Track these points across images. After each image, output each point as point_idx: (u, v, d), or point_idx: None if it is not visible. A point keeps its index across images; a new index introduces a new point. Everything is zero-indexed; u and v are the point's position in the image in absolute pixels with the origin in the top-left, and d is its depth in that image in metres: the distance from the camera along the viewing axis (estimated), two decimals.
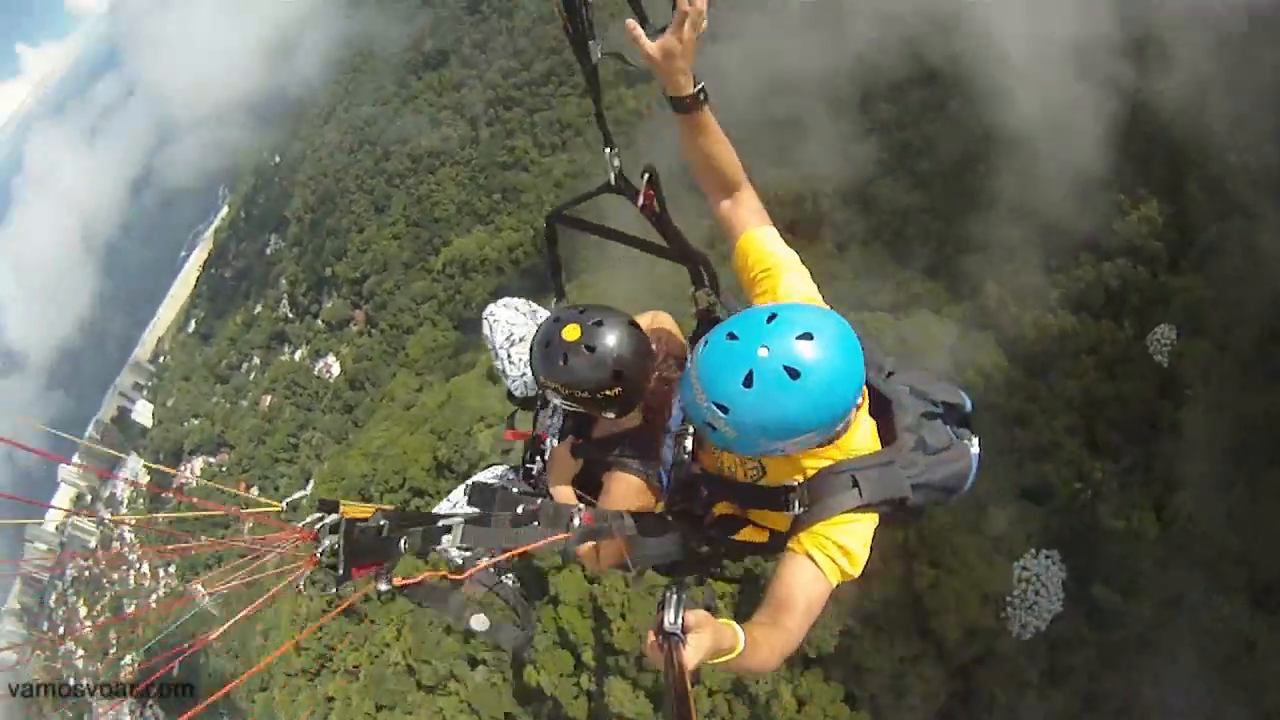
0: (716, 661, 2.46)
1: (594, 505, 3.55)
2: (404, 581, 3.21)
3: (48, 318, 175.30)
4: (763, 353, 2.56)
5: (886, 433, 3.18)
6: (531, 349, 3.40)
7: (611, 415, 3.47)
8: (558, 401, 3.42)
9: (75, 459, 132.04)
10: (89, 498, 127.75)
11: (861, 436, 3.06)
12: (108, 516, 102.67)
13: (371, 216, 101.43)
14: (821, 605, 2.88)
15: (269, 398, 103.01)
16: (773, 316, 2.63)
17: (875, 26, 58.65)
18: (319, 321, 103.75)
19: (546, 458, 4.17)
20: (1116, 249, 44.67)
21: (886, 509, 2.99)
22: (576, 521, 3.14)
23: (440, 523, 3.21)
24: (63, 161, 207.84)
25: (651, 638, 2.28)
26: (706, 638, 2.32)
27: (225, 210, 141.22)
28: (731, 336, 2.63)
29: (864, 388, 2.93)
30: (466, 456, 57.51)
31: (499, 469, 4.59)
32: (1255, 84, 42.16)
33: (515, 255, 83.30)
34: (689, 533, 3.48)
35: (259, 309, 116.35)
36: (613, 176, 3.67)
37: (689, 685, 2.06)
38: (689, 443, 3.40)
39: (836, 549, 2.87)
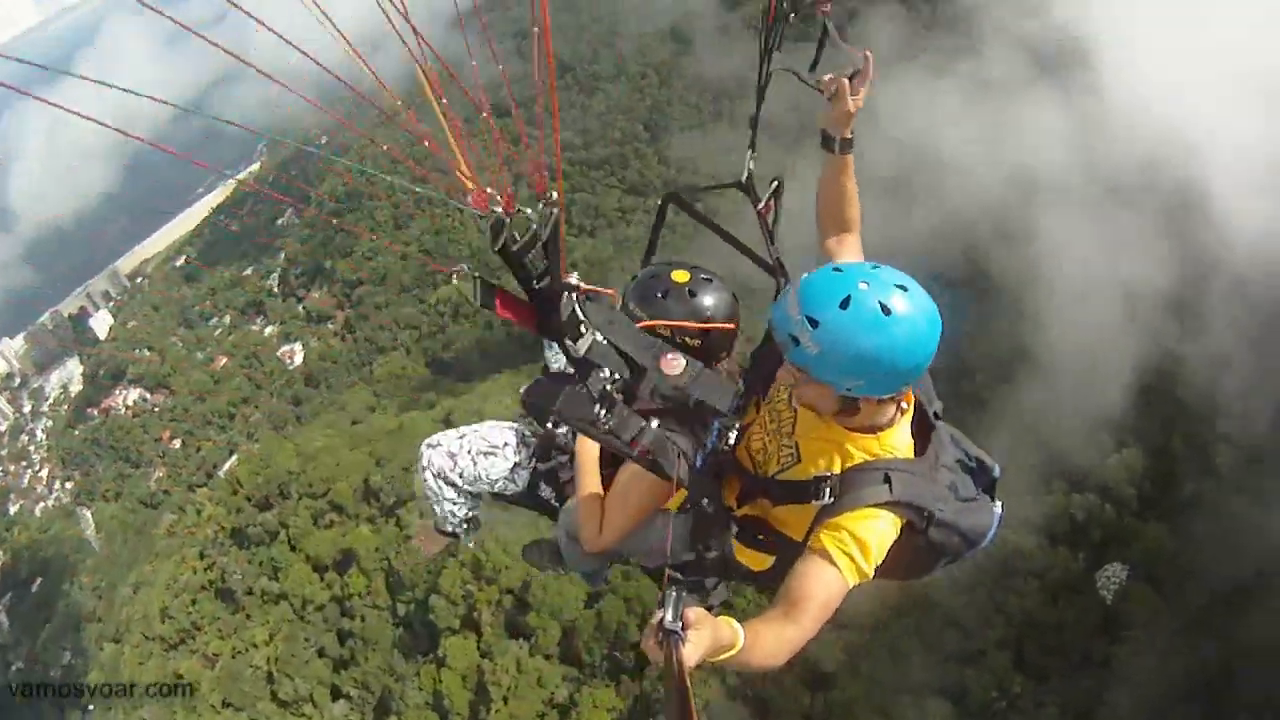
0: (717, 659, 2.47)
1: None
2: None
3: (53, 194, 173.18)
4: (863, 286, 2.66)
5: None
6: (633, 281, 3.60)
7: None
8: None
9: (20, 338, 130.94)
10: (17, 380, 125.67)
11: (902, 440, 3.09)
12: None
13: (390, 229, 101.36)
14: (836, 605, 2.85)
15: (225, 360, 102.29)
16: (876, 267, 2.76)
17: (940, 216, 60.51)
18: (300, 307, 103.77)
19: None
20: (1091, 484, 46.42)
21: (912, 516, 2.98)
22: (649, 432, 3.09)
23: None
24: (133, 53, 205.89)
25: (651, 636, 2.28)
26: (706, 634, 2.34)
27: (256, 165, 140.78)
28: (836, 269, 2.74)
29: (915, 397, 3.13)
30: (397, 492, 57.58)
31: (507, 429, 4.34)
32: (1269, 365, 44.84)
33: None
34: (700, 531, 3.45)
35: (249, 271, 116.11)
36: (745, 176, 3.86)
37: (689, 683, 2.03)
38: (733, 435, 3.29)
39: (855, 543, 2.86)
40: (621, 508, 3.49)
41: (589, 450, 3.66)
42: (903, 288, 2.70)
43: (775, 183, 3.84)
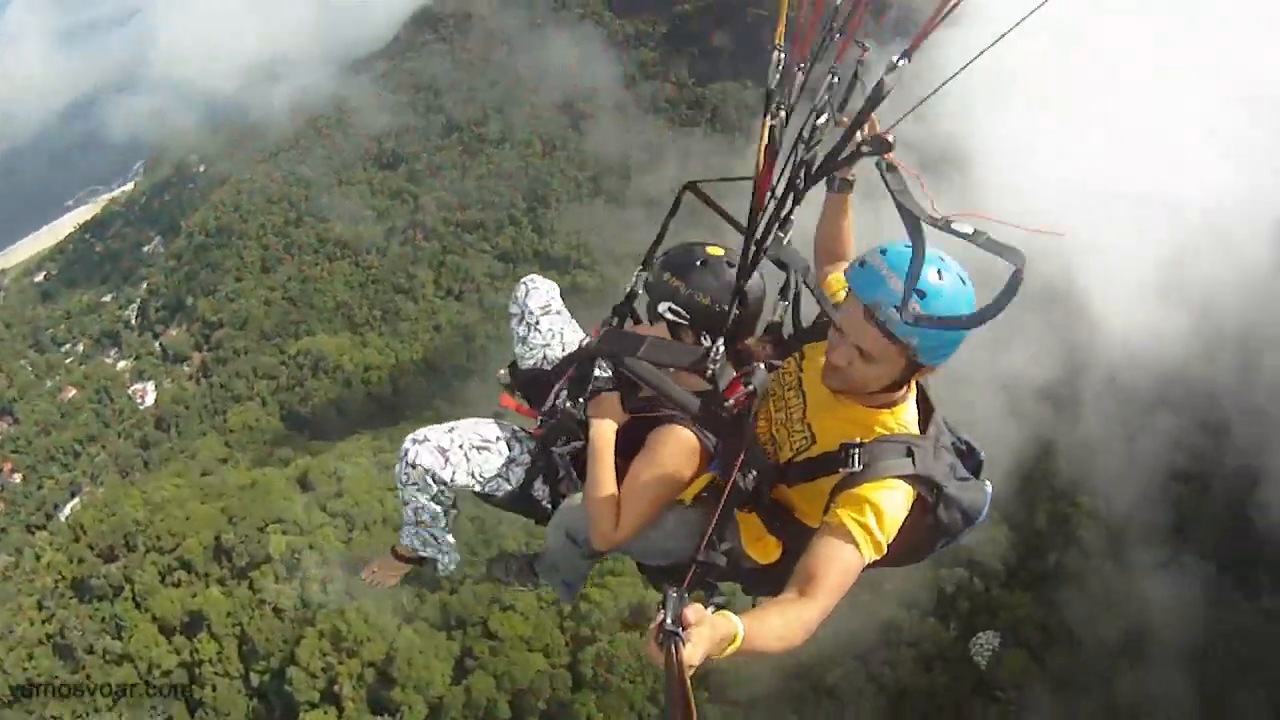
0: (720, 655, 2.48)
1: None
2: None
3: None
4: (941, 259, 2.77)
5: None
6: (665, 255, 3.55)
7: (704, 341, 3.40)
8: (664, 306, 3.46)
9: None
10: None
11: (911, 416, 3.15)
12: None
13: (256, 272, 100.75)
14: (853, 579, 2.88)
15: (74, 391, 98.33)
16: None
17: None
18: (157, 343, 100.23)
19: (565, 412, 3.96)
20: (960, 559, 50.10)
21: (925, 492, 3.02)
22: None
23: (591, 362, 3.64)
24: (27, 44, 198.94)
25: (652, 639, 2.28)
26: (706, 633, 2.34)
27: (130, 186, 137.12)
28: (906, 245, 2.70)
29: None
30: (250, 553, 55.84)
31: (492, 424, 4.05)
32: (1135, 449, 51.83)
33: (369, 376, 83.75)
34: (724, 512, 3.33)
35: (108, 298, 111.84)
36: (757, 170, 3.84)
37: (689, 685, 2.05)
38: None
39: (873, 513, 2.88)
40: (640, 499, 3.38)
41: (605, 439, 3.49)
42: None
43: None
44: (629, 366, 3.27)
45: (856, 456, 2.95)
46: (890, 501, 2.92)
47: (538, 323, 4.42)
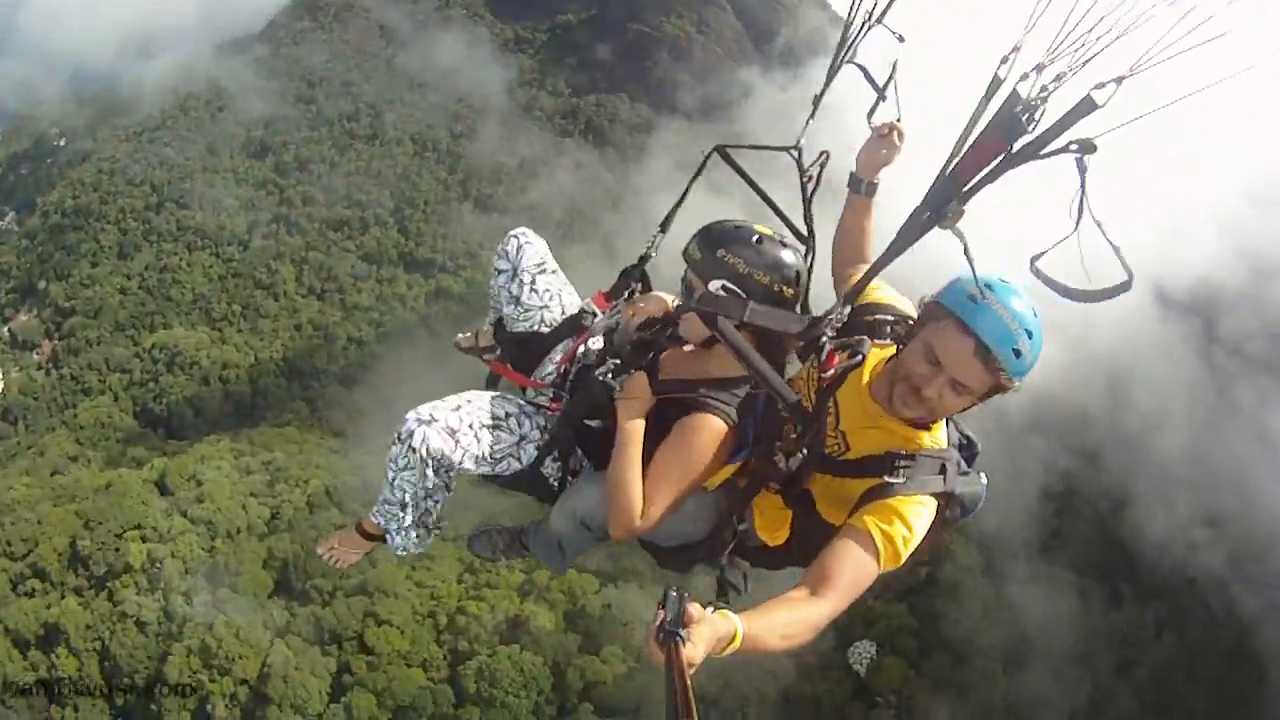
0: (720, 654, 2.46)
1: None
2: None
3: None
4: (1025, 292, 2.83)
5: None
6: (711, 231, 3.37)
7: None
8: (716, 284, 3.29)
9: None
10: None
11: (944, 432, 3.15)
12: None
13: (113, 258, 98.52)
14: (865, 586, 2.89)
15: None
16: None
17: None
18: (6, 329, 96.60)
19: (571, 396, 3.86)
20: None
21: (944, 503, 3.05)
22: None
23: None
24: None
25: (652, 638, 2.24)
26: (706, 631, 2.32)
27: None
28: (1002, 281, 2.82)
29: None
30: (109, 561, 52.98)
31: (501, 399, 3.78)
32: (1012, 470, 56.33)
33: (227, 374, 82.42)
34: (732, 505, 3.37)
35: None
36: (800, 142, 3.87)
37: (690, 684, 2.00)
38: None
39: (901, 528, 2.88)
40: (668, 490, 3.28)
41: (636, 425, 3.34)
42: None
43: (823, 155, 3.85)
44: (723, 330, 2.96)
45: (901, 470, 2.97)
46: (920, 517, 2.95)
47: (533, 281, 4.18)
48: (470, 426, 3.49)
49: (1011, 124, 1.95)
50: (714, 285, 3.27)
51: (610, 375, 3.47)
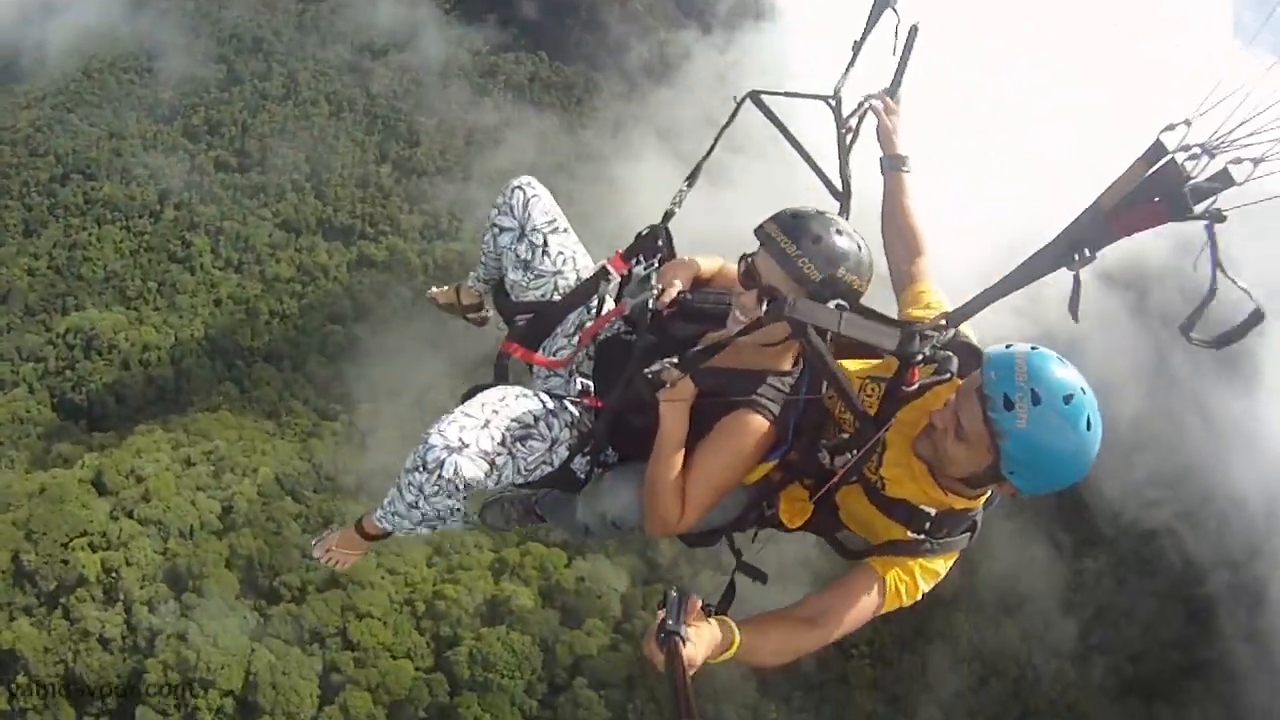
0: (716, 660, 2.52)
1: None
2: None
3: None
4: (1084, 391, 2.62)
5: None
6: (810, 236, 3.01)
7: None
8: (834, 303, 2.93)
9: None
10: None
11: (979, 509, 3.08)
12: None
13: (18, 236, 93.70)
14: (861, 624, 2.92)
15: None
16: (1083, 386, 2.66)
17: None
18: None
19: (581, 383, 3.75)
20: None
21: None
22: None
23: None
24: None
25: (652, 638, 2.27)
26: (706, 634, 2.40)
27: None
28: (1062, 361, 2.66)
29: None
30: (58, 575, 50.04)
31: (526, 398, 3.49)
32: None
33: (148, 357, 79.32)
34: (763, 493, 3.35)
35: None
36: (837, 90, 3.81)
37: (689, 684, 2.05)
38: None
39: (912, 586, 2.93)
40: (710, 489, 3.19)
41: (681, 424, 3.17)
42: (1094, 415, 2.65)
43: (864, 104, 3.75)
44: (813, 342, 2.80)
45: (927, 529, 2.93)
46: (936, 577, 2.98)
47: (545, 243, 3.80)
48: (504, 444, 3.24)
49: (1178, 201, 2.06)
50: (834, 304, 2.92)
51: (663, 373, 3.14)
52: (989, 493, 3.00)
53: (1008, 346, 2.71)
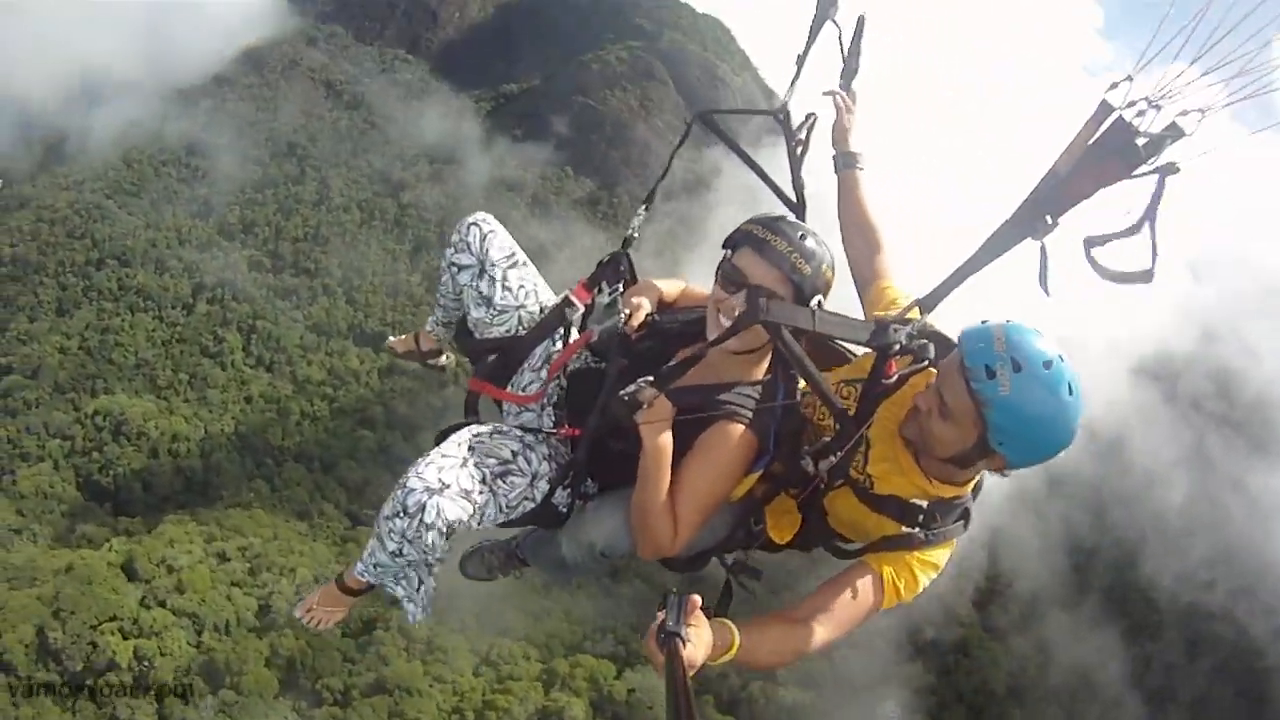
0: (716, 661, 2.50)
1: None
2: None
3: None
4: (1062, 358, 2.62)
5: None
6: (770, 217, 3.04)
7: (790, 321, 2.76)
8: (816, 299, 2.94)
9: None
10: None
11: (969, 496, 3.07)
12: None
13: (51, 314, 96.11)
14: (860, 623, 2.90)
15: None
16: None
17: None
18: None
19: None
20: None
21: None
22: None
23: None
24: None
25: (652, 638, 2.25)
26: (706, 636, 2.37)
27: None
28: (1038, 332, 2.65)
29: None
30: (88, 658, 49.43)
31: (503, 435, 3.36)
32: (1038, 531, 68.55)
33: (177, 447, 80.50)
34: (749, 509, 3.27)
35: None
36: (785, 105, 3.72)
37: (690, 686, 2.01)
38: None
39: (912, 581, 2.92)
40: (700, 507, 3.08)
41: (665, 446, 3.00)
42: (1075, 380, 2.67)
43: (810, 117, 3.68)
44: (788, 343, 2.70)
45: (921, 526, 2.92)
46: (933, 570, 2.95)
47: (504, 277, 3.70)
48: (484, 483, 3.12)
49: (1131, 154, 2.05)
50: (814, 304, 2.94)
51: (640, 393, 2.91)
52: (977, 477, 3.02)
53: (982, 322, 2.72)
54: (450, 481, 2.98)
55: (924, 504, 2.93)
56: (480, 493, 3.07)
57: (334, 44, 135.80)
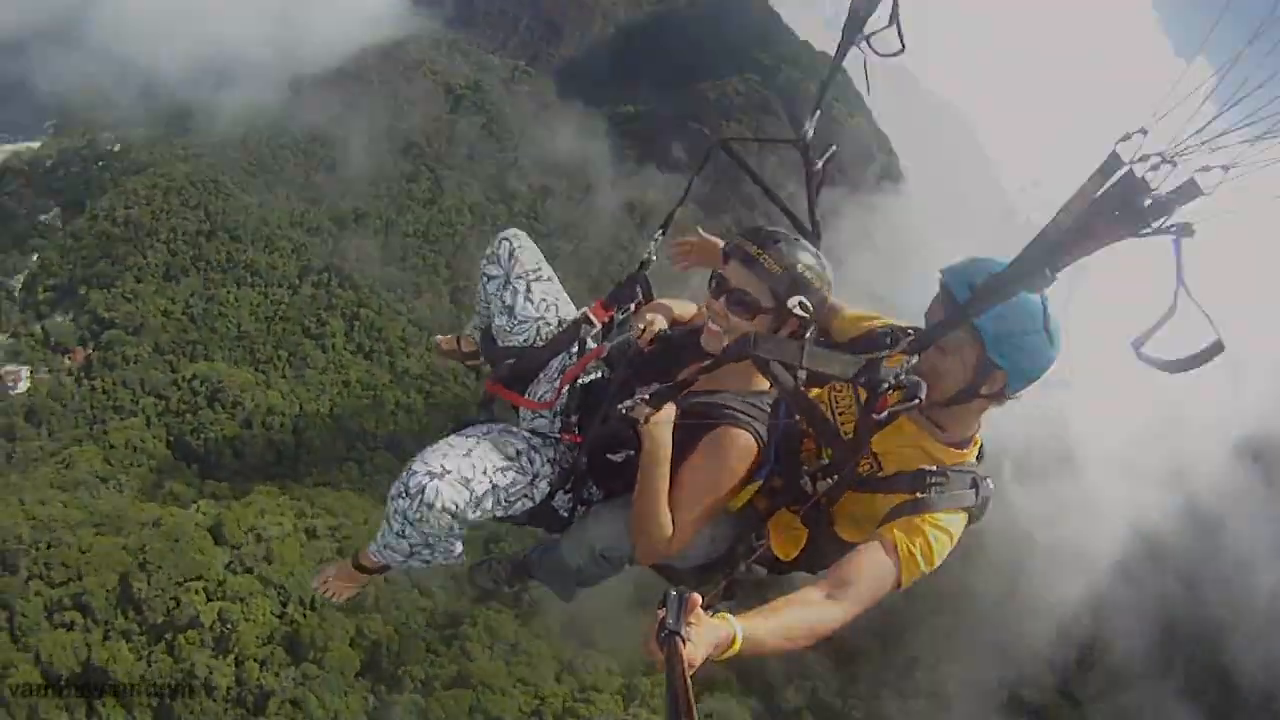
0: (721, 658, 2.48)
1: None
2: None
3: None
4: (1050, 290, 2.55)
5: None
6: (770, 238, 3.14)
7: (802, 334, 3.12)
8: (797, 302, 3.09)
9: None
10: None
11: (976, 450, 3.17)
12: None
13: (158, 277, 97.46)
14: (880, 597, 2.87)
15: None
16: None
17: None
18: (40, 326, 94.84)
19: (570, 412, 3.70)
20: None
21: (976, 521, 3.06)
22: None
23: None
24: None
25: (652, 638, 2.25)
26: (707, 634, 2.35)
27: (36, 144, 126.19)
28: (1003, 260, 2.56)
29: None
30: (170, 613, 49.49)
31: (509, 434, 3.55)
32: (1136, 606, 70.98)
33: (271, 420, 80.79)
34: (751, 523, 3.37)
35: None
36: (809, 133, 3.69)
37: (689, 685, 2.02)
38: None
39: (927, 547, 2.90)
40: (698, 510, 3.19)
41: (665, 449, 3.13)
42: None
43: (832, 147, 3.75)
44: (777, 376, 2.84)
45: (932, 487, 2.96)
46: (948, 534, 2.95)
47: (528, 289, 3.92)
48: (484, 473, 3.25)
49: (1135, 216, 1.95)
50: (793, 302, 3.08)
51: (635, 409, 3.09)
52: (979, 439, 3.15)
53: (955, 260, 2.89)
54: (452, 468, 3.14)
55: (933, 468, 2.98)
56: (480, 482, 3.20)
57: (457, 50, 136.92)
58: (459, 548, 3.65)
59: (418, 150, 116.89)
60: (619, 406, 3.12)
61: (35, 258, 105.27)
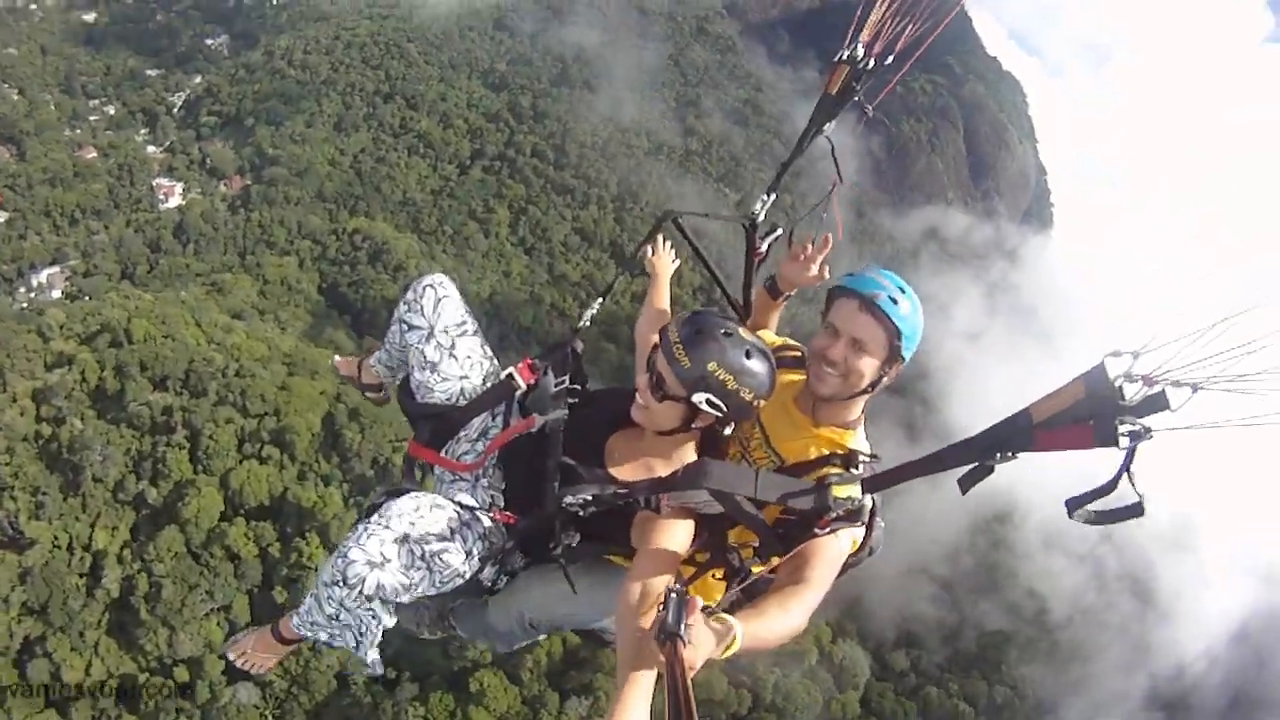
0: (722, 656, 2.46)
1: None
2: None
3: None
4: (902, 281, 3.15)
5: None
6: (695, 330, 2.97)
7: (720, 427, 3.13)
8: (700, 397, 2.98)
9: None
10: None
11: (863, 438, 3.28)
12: None
13: (329, 127, 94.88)
14: (838, 568, 2.95)
15: (94, 154, 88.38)
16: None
17: None
18: (198, 147, 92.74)
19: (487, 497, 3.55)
20: None
21: (874, 503, 3.09)
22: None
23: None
24: None
25: (652, 638, 2.27)
26: (706, 634, 2.33)
27: None
28: (873, 268, 3.15)
29: None
30: (378, 462, 48.29)
31: (441, 506, 3.32)
32: None
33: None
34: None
35: (153, 74, 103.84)
36: (760, 216, 3.72)
37: (690, 685, 2.04)
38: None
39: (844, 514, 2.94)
40: (656, 563, 3.06)
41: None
42: None
43: (778, 231, 3.80)
44: (739, 506, 2.85)
45: (839, 461, 3.10)
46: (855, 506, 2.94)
47: (453, 346, 3.67)
48: (423, 559, 3.11)
49: (1107, 432, 2.04)
50: (699, 398, 3.00)
51: (583, 509, 3.16)
52: (860, 421, 3.26)
53: (850, 274, 3.12)
54: (391, 556, 3.04)
55: (839, 453, 3.13)
56: (418, 569, 3.12)
57: None
58: (376, 654, 3.48)
59: (600, 65, 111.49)
60: (565, 503, 3.18)
61: (199, 79, 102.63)
